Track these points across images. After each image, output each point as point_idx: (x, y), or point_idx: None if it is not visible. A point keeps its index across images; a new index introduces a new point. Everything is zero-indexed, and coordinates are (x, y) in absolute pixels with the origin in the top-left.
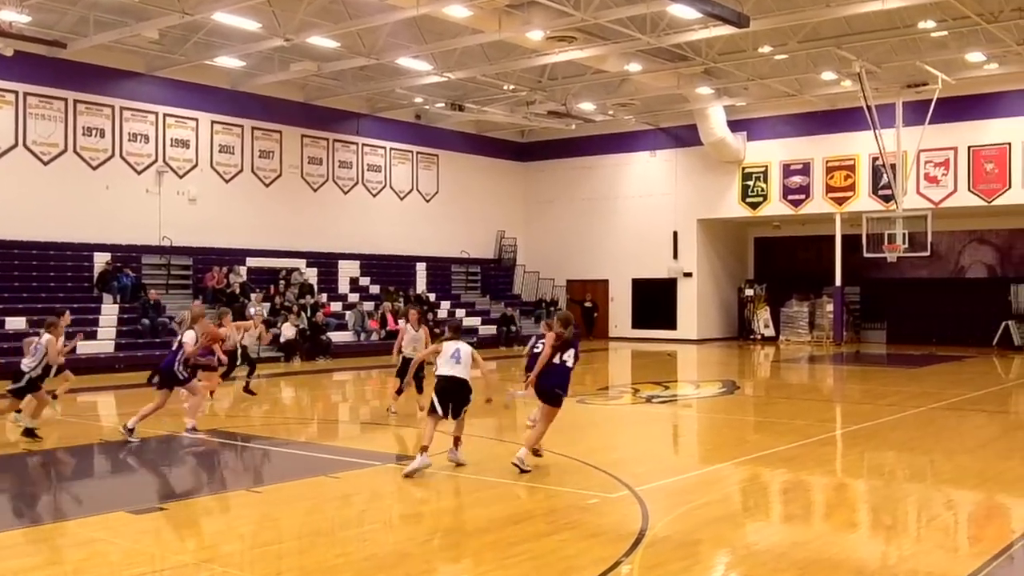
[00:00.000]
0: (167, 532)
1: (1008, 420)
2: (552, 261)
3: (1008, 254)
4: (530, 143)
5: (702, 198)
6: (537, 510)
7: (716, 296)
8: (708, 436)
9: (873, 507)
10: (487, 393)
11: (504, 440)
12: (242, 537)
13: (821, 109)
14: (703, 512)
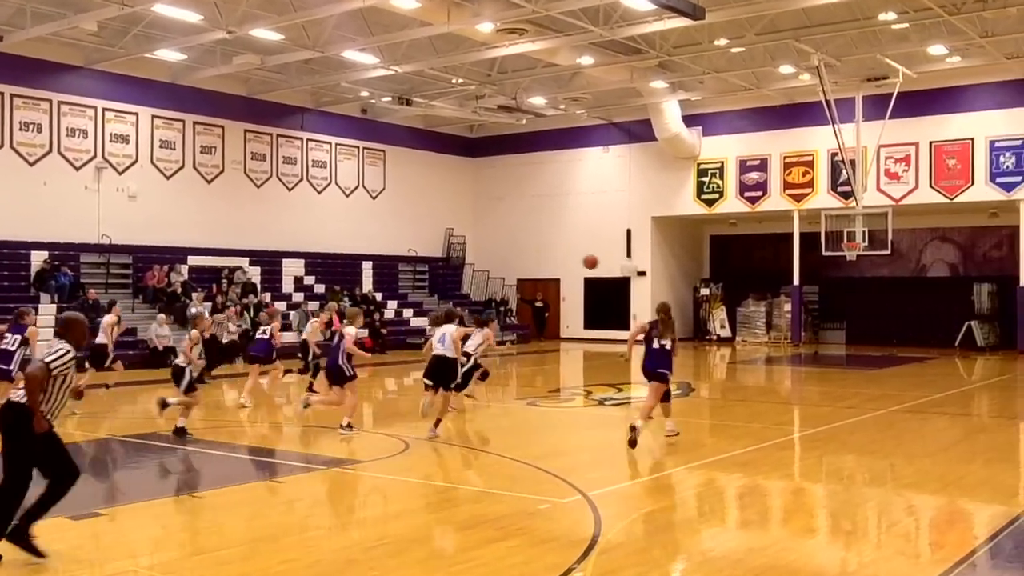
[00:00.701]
0: (106, 538)
1: (970, 423)
2: (502, 259)
3: (971, 252)
4: (479, 138)
5: (656, 195)
6: (486, 515)
7: (671, 296)
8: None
9: (832, 512)
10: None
11: (452, 444)
12: (183, 543)
13: (779, 104)
14: (657, 518)
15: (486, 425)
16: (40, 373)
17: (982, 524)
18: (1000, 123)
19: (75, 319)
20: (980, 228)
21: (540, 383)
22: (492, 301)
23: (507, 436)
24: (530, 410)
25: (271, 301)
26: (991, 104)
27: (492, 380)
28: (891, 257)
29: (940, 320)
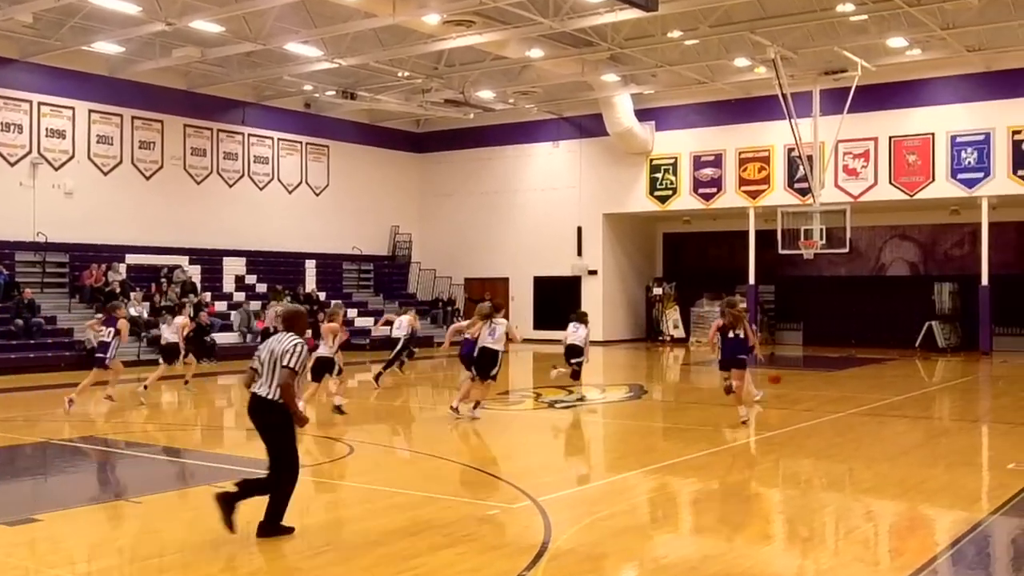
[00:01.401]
0: (42, 545)
1: (931, 426)
2: (449, 258)
3: (931, 251)
4: (426, 133)
5: (608, 191)
6: (434, 521)
7: (623, 295)
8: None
9: (789, 518)
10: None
11: (399, 448)
12: (121, 550)
13: (734, 97)
14: (609, 524)
15: (433, 429)
16: (291, 379)
17: (943, 530)
18: (961, 117)
19: (300, 312)
20: (941, 226)
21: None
22: (439, 301)
23: (454, 440)
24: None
25: (211, 301)
26: (952, 98)
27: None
28: (849, 256)
29: (900, 320)
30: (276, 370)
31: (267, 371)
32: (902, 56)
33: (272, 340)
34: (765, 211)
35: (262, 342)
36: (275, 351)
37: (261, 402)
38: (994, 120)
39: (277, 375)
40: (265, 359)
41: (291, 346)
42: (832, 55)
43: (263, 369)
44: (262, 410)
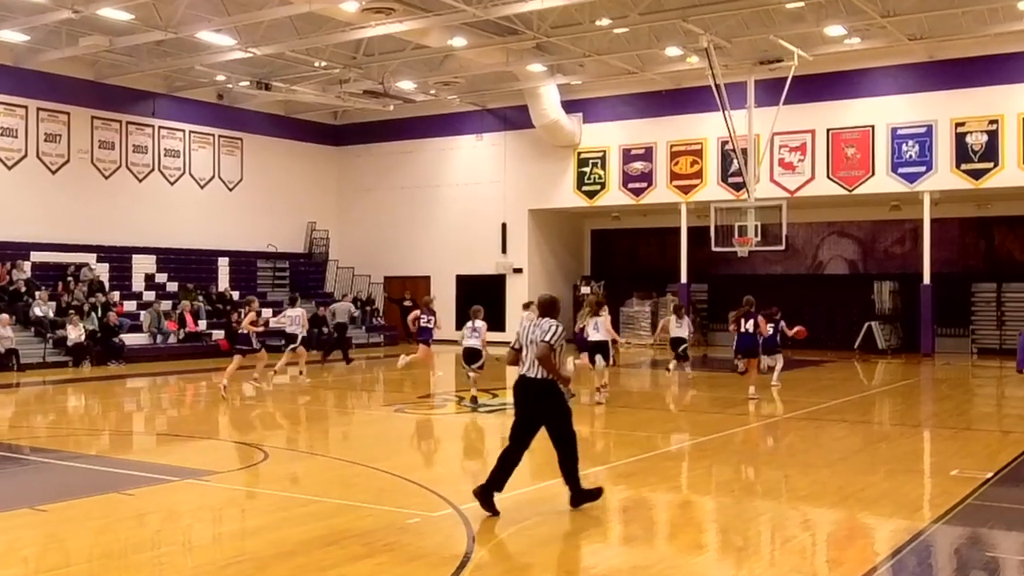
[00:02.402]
0: None
1: (871, 431)
2: (368, 256)
3: (871, 248)
4: (344, 126)
5: (534, 186)
6: (352, 530)
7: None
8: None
9: (722, 527)
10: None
11: (316, 454)
12: (25, 560)
13: (665, 88)
14: (535, 532)
15: (351, 433)
16: (547, 351)
17: (883, 539)
18: (902, 109)
19: (555, 299)
20: (881, 222)
21: (408, 388)
22: (358, 300)
23: (374, 445)
24: (398, 417)
25: (120, 300)
26: (893, 89)
27: (357, 386)
28: (786, 253)
29: (838, 321)
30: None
31: (530, 354)
32: (840, 45)
33: (530, 327)
34: (698, 207)
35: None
36: (535, 335)
37: (529, 382)
38: (936, 112)
39: (536, 349)
40: (525, 343)
41: (548, 326)
42: (768, 44)
43: (527, 352)
44: (531, 390)
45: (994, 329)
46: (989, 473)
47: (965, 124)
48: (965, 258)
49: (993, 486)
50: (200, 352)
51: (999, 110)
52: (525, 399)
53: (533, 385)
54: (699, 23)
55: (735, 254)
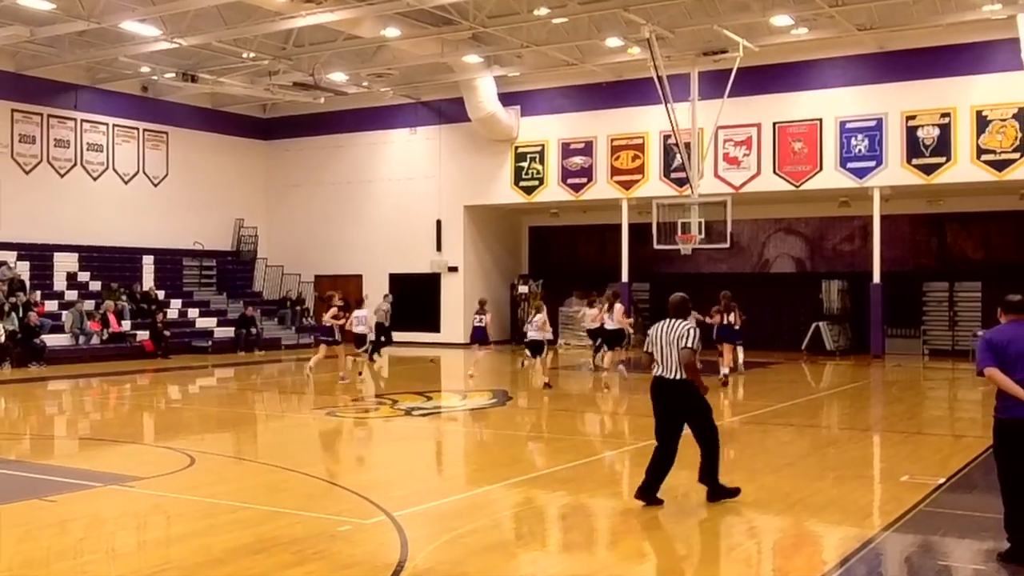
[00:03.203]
0: None
1: (819, 435)
2: (298, 254)
3: (819, 246)
4: (273, 119)
5: (469, 182)
6: (281, 538)
7: (485, 294)
8: (476, 454)
9: (665, 534)
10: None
11: (244, 459)
12: None
13: (606, 80)
14: (470, 540)
15: (280, 437)
16: (692, 356)
17: (832, 548)
18: (851, 102)
19: (686, 299)
20: (829, 219)
21: (340, 391)
22: (287, 300)
23: (303, 450)
24: (329, 421)
25: (41, 300)
26: (841, 81)
27: (287, 388)
28: (731, 251)
29: (785, 321)
30: (676, 354)
31: (667, 356)
32: (787, 35)
33: (664, 328)
34: (639, 203)
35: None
36: (671, 338)
37: (667, 384)
38: (887, 104)
39: (680, 356)
40: (662, 345)
41: (685, 331)
42: (711, 34)
43: (661, 354)
44: (671, 391)
45: (946, 330)
46: (941, 479)
47: (916, 117)
48: (916, 256)
49: (945, 492)
50: (124, 353)
51: (951, 103)
52: (666, 400)
53: (672, 386)
54: (641, 13)
55: (678, 252)
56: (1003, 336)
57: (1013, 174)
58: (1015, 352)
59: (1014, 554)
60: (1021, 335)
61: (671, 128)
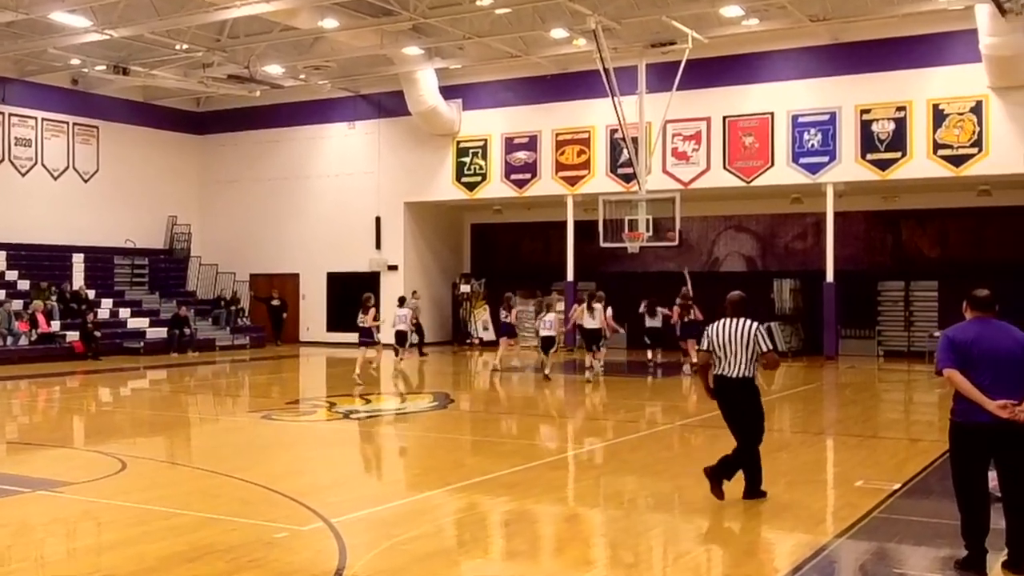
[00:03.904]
0: None
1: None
2: (233, 252)
3: (770, 244)
4: (207, 113)
5: (410, 178)
6: (216, 545)
7: (426, 293)
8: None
9: (611, 541)
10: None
11: (177, 464)
12: None
13: (550, 73)
14: (411, 547)
15: (215, 442)
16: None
17: (784, 555)
18: (804, 95)
19: (745, 297)
20: (781, 216)
21: (276, 393)
22: (222, 300)
23: (238, 454)
24: (264, 424)
25: None
26: (794, 73)
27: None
28: (679, 249)
29: None
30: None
31: (732, 354)
32: (738, 27)
33: (728, 326)
34: (585, 199)
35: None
36: (741, 337)
37: (731, 381)
38: (840, 98)
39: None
40: (724, 343)
41: (758, 333)
42: (660, 25)
43: (725, 352)
44: (735, 388)
45: (902, 330)
46: (896, 484)
47: (871, 111)
48: (871, 254)
49: (900, 498)
50: (53, 355)
51: (907, 96)
52: (730, 396)
53: (736, 383)
54: (586, 3)
55: (625, 250)
56: (966, 335)
57: (971, 170)
58: (980, 352)
59: (971, 562)
60: (987, 334)
61: (618, 122)
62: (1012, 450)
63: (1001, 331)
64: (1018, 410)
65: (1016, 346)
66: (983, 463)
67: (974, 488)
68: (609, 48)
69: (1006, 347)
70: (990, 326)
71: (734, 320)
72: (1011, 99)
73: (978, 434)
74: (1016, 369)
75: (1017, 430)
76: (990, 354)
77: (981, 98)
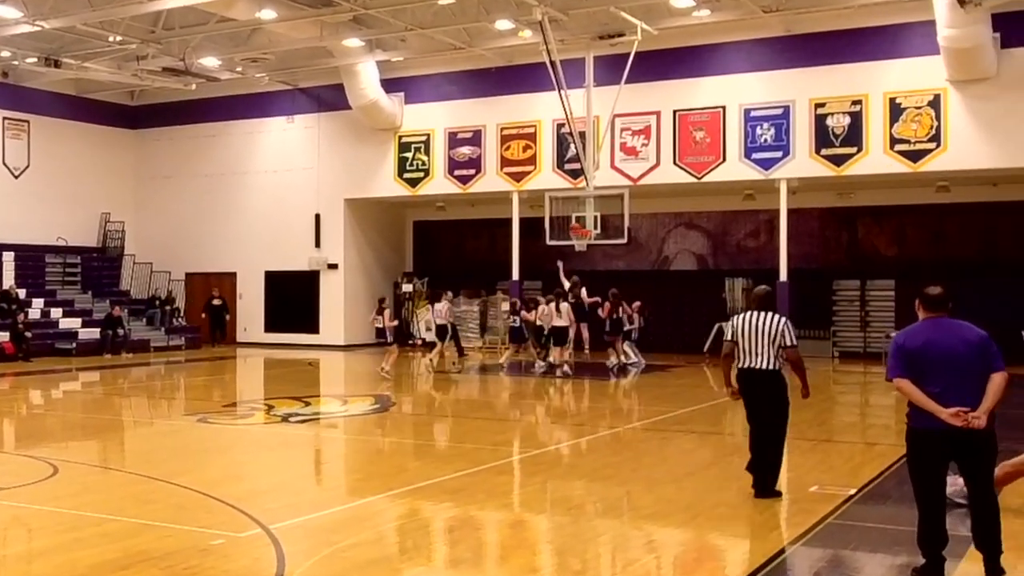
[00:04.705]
0: None
1: (722, 443)
2: (168, 250)
3: (722, 241)
4: (142, 107)
5: (351, 173)
6: (150, 552)
7: (368, 293)
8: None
9: (558, 548)
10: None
11: (110, 468)
12: None
13: (495, 66)
14: (352, 555)
15: (149, 445)
16: (799, 354)
17: (736, 562)
18: (757, 89)
19: (771, 291)
20: (733, 213)
21: (215, 396)
22: (156, 299)
23: (173, 458)
24: (201, 428)
25: None
26: (746, 66)
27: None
28: (628, 247)
29: (686, 321)
30: (770, 347)
31: (759, 347)
32: (688, 18)
33: (753, 320)
34: (531, 196)
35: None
36: (769, 330)
37: (758, 373)
38: (794, 91)
39: (784, 353)
40: (750, 335)
41: (784, 328)
42: (608, 17)
43: (751, 345)
44: (763, 380)
45: (857, 331)
46: (852, 490)
47: (826, 105)
48: (826, 252)
49: (856, 503)
50: None
51: (863, 89)
52: (756, 389)
53: (763, 376)
54: None
55: (572, 248)
56: (916, 340)
57: (928, 165)
58: (931, 357)
59: (929, 570)
60: (938, 337)
61: (565, 116)
62: (969, 456)
63: (953, 332)
64: (971, 416)
65: (967, 348)
66: (940, 468)
67: (931, 494)
68: (556, 40)
69: (957, 350)
70: (941, 327)
71: (760, 313)
72: (970, 92)
73: (934, 440)
74: (968, 373)
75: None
76: (941, 359)
77: (939, 91)
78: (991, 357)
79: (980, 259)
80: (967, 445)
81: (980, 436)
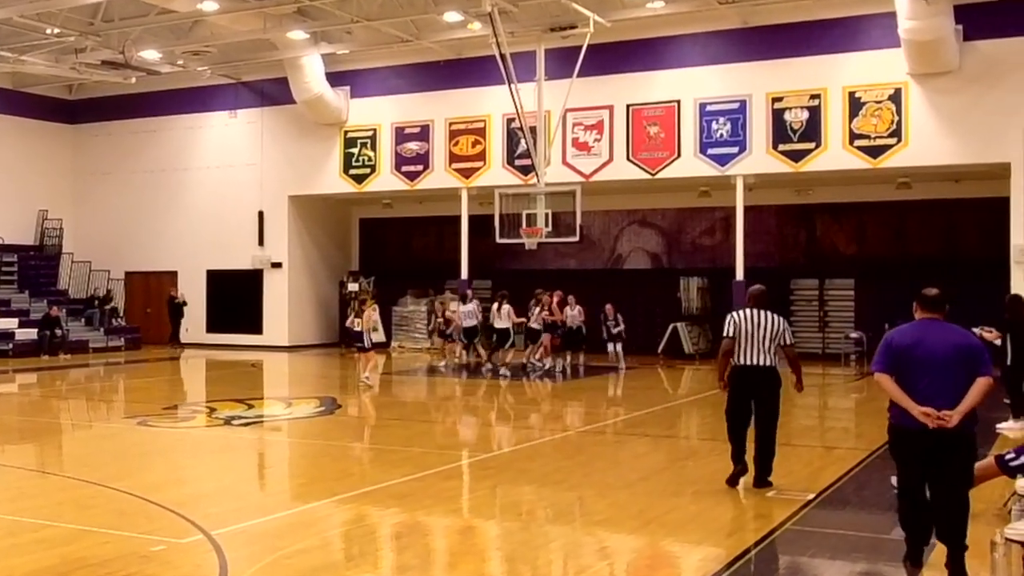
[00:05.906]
0: None
1: (676, 447)
2: (108, 248)
3: (676, 240)
4: (80, 101)
5: (295, 169)
6: (89, 559)
7: (312, 292)
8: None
9: (508, 555)
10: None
11: (47, 472)
12: None
13: (444, 59)
14: (296, 561)
15: (88, 449)
16: (795, 353)
17: (691, 569)
18: (712, 82)
19: (764, 290)
20: (688, 210)
21: (156, 397)
22: (95, 299)
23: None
24: (140, 431)
25: None
26: (702, 59)
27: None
28: (580, 245)
29: (639, 321)
30: (771, 344)
31: (760, 344)
32: (642, 9)
33: (752, 317)
34: (480, 193)
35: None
36: (768, 328)
37: (760, 370)
38: (751, 85)
39: (782, 350)
40: (754, 334)
41: (783, 326)
42: (559, 8)
43: (751, 342)
44: (764, 376)
45: (816, 331)
46: (811, 494)
47: (783, 99)
48: (783, 251)
49: (815, 508)
50: None
51: (821, 83)
52: (752, 386)
53: (762, 373)
54: None
55: (523, 246)
56: (906, 338)
57: (888, 161)
58: (919, 356)
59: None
60: (928, 338)
61: (515, 111)
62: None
63: (943, 335)
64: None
65: (953, 352)
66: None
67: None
68: (506, 32)
69: (943, 351)
70: (933, 329)
71: (758, 311)
72: (932, 86)
73: (911, 437)
74: (951, 374)
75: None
76: (927, 358)
77: (900, 85)
78: (978, 363)
79: (942, 257)
80: (940, 444)
81: (954, 435)
